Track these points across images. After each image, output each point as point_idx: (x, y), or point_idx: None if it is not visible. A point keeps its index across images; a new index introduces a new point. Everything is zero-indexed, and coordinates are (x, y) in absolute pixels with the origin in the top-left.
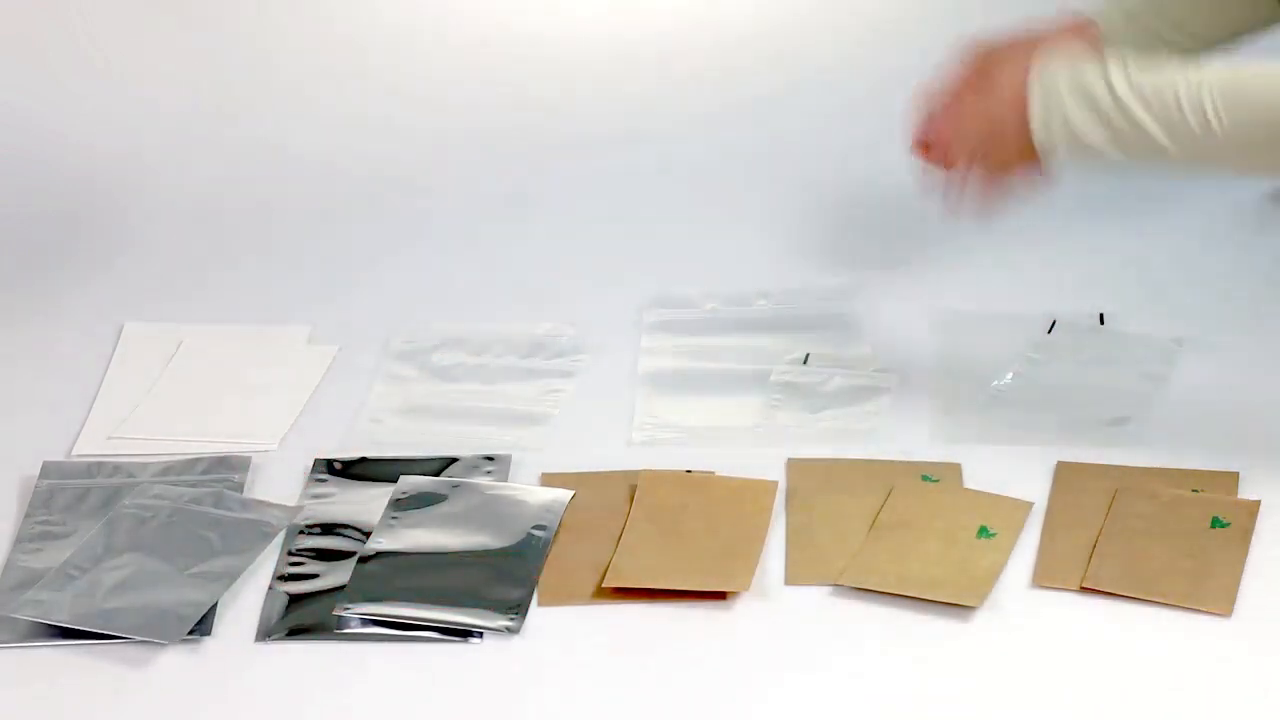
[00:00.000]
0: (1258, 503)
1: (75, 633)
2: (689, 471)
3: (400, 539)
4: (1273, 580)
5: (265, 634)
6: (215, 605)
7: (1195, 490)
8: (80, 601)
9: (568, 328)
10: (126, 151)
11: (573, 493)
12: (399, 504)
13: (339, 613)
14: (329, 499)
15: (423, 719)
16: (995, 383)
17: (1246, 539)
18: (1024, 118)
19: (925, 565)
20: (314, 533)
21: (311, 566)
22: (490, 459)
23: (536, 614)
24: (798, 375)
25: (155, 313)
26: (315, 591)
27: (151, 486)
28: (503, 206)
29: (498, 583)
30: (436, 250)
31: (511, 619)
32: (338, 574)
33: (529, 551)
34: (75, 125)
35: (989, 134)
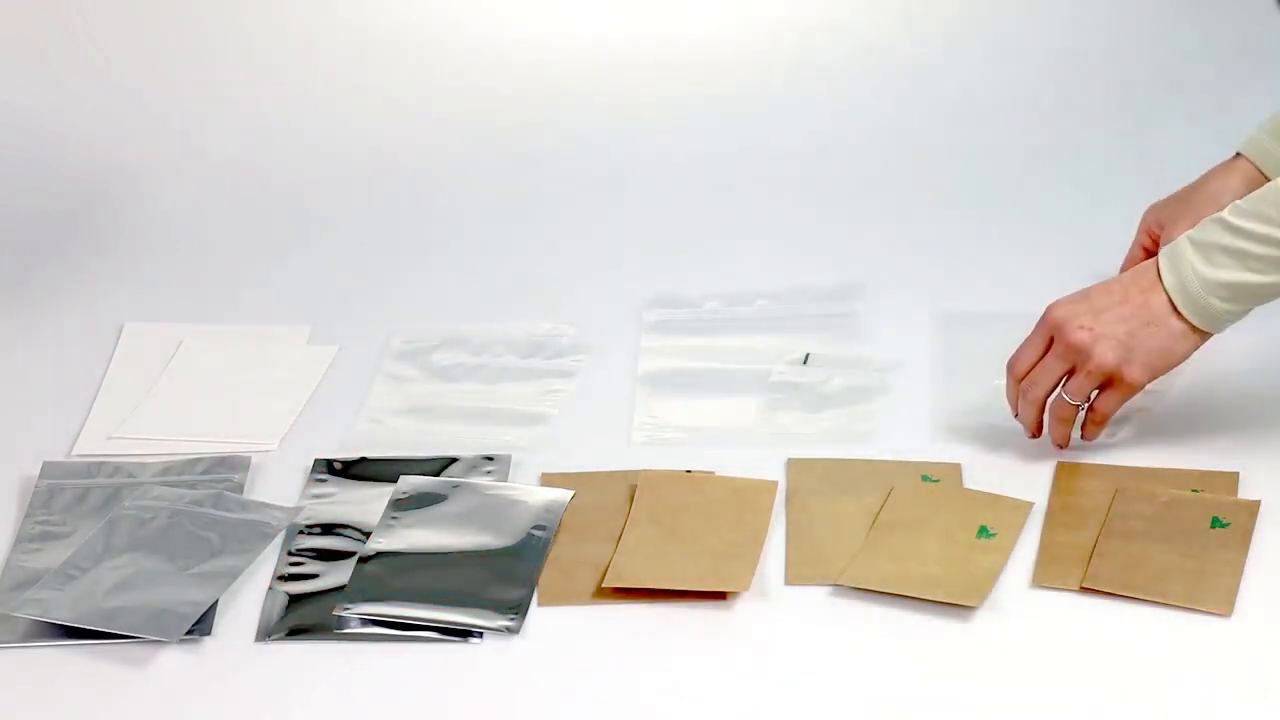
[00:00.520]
0: (1258, 503)
1: (75, 632)
2: (689, 471)
3: (400, 539)
4: (1273, 580)
5: (265, 634)
6: (215, 605)
7: (1195, 490)
8: (80, 601)
9: (568, 328)
10: (126, 151)
11: (573, 493)
12: (399, 504)
13: (339, 613)
14: (329, 499)
15: (423, 719)
16: (995, 382)
17: (1246, 539)
18: (1162, 299)
19: (925, 565)
20: (314, 533)
21: (311, 566)
22: (490, 459)
23: (536, 614)
24: (798, 375)
25: (155, 313)
26: (315, 591)
27: (151, 488)
28: (503, 206)
29: (498, 583)
30: (436, 250)
31: (511, 619)
32: (338, 574)
33: (529, 551)
34: (75, 125)
35: (1133, 323)
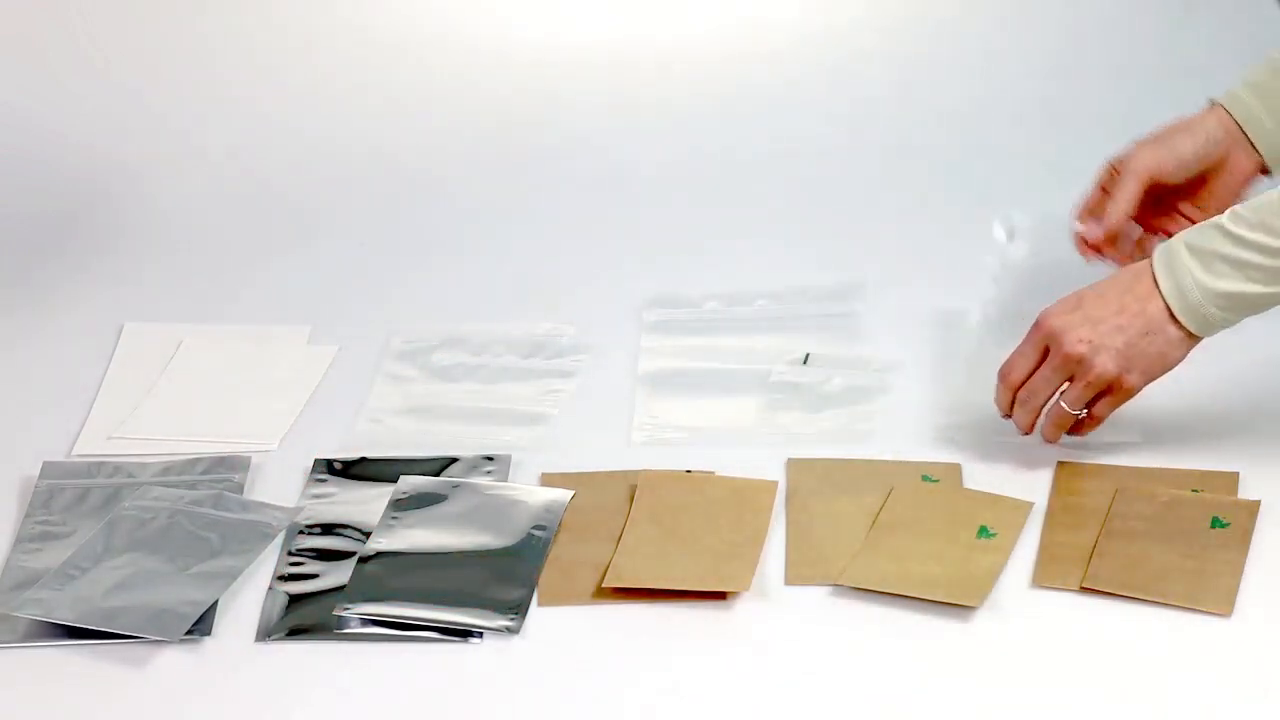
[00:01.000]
0: (1258, 503)
1: (75, 632)
2: (689, 471)
3: (400, 539)
4: (1273, 580)
5: (265, 634)
6: (215, 605)
7: (1195, 490)
8: (80, 601)
9: (568, 328)
10: (126, 151)
11: (573, 493)
12: (399, 504)
13: (339, 613)
14: (329, 499)
15: (423, 719)
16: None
17: (1246, 539)
18: (1160, 306)
19: (925, 565)
20: (314, 533)
21: (311, 566)
22: (490, 459)
23: (536, 614)
24: (798, 375)
25: (155, 313)
26: (315, 591)
27: (151, 488)
28: (503, 206)
29: (498, 583)
30: (436, 250)
31: (511, 619)
32: (338, 574)
33: (529, 551)
34: (75, 125)
35: (1131, 332)
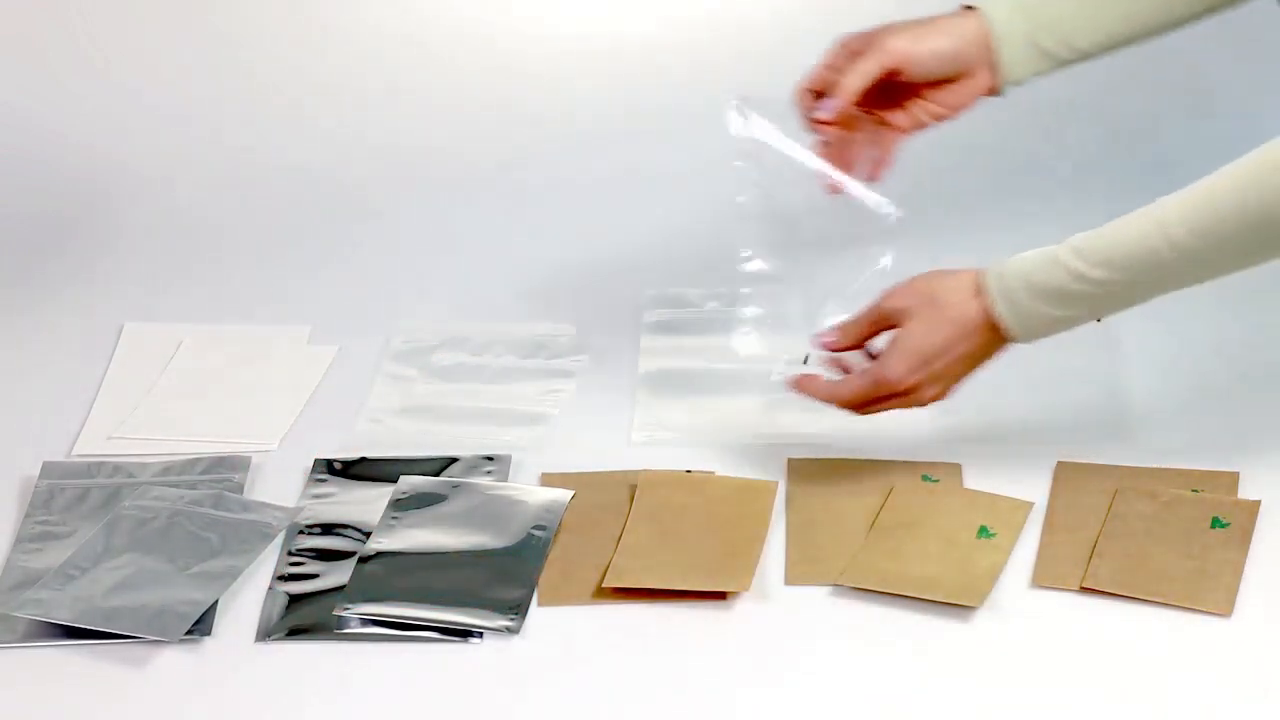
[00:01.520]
0: (1258, 503)
1: (75, 632)
2: (689, 471)
3: (400, 539)
4: (1273, 580)
5: (265, 634)
6: (215, 605)
7: (1195, 490)
8: (80, 601)
9: (568, 328)
10: (126, 152)
11: (573, 493)
12: (399, 504)
13: (339, 613)
14: (329, 499)
15: (423, 719)
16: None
17: (1246, 539)
18: (997, 337)
19: (925, 565)
20: (314, 533)
21: (311, 566)
22: (490, 459)
23: (536, 614)
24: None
25: (155, 313)
26: (315, 591)
27: (151, 488)
28: (503, 206)
29: (498, 583)
30: (437, 250)
31: (511, 619)
32: (338, 574)
33: (529, 551)
34: (75, 125)
35: (964, 364)
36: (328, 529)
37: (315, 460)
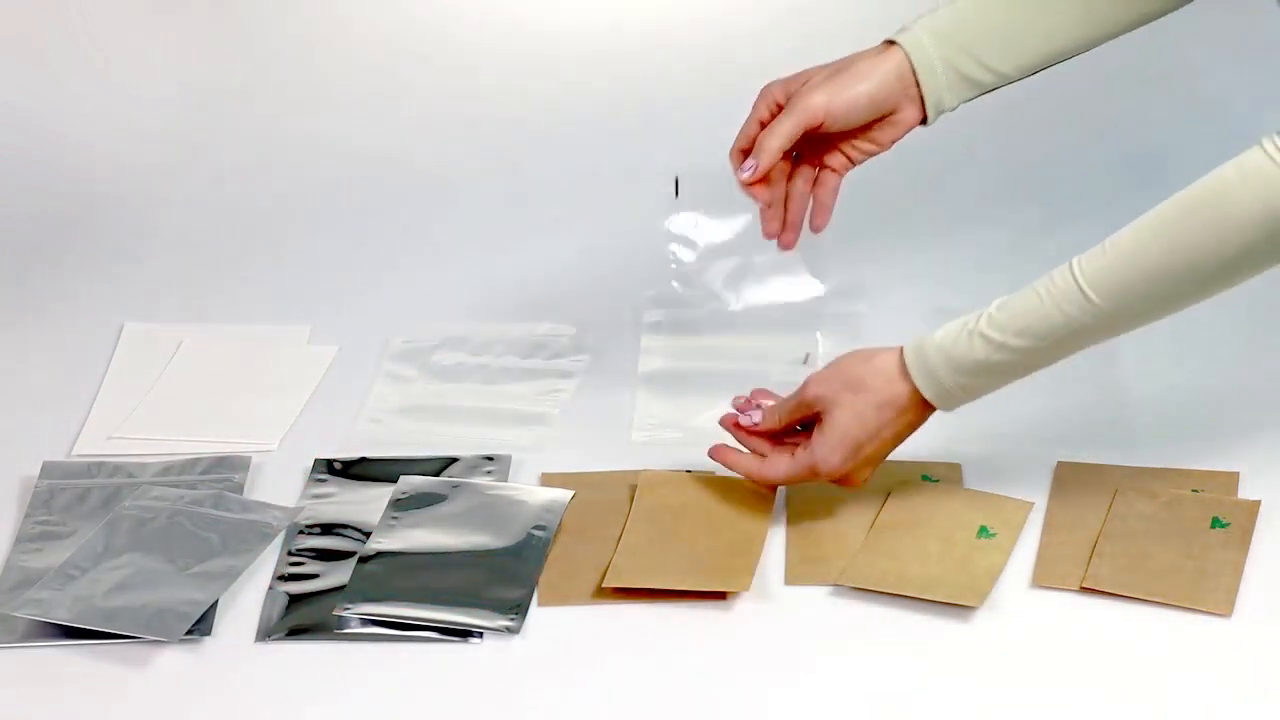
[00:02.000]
0: (1258, 503)
1: (75, 632)
2: (689, 471)
3: (400, 539)
4: (1273, 580)
5: (265, 634)
6: (215, 605)
7: (1195, 490)
8: (80, 601)
9: (568, 328)
10: (126, 151)
11: (573, 493)
12: (399, 504)
13: (339, 613)
14: (329, 499)
15: (423, 719)
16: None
17: (1246, 539)
18: (925, 411)
19: (925, 565)
20: (314, 533)
21: (311, 566)
22: (490, 459)
23: (536, 614)
24: (798, 375)
25: (155, 313)
26: (315, 591)
27: (151, 488)
28: (503, 206)
29: (498, 583)
30: (437, 250)
31: (511, 619)
32: (338, 574)
33: (529, 551)
34: (75, 125)
35: (894, 442)
36: (328, 529)
37: (315, 460)
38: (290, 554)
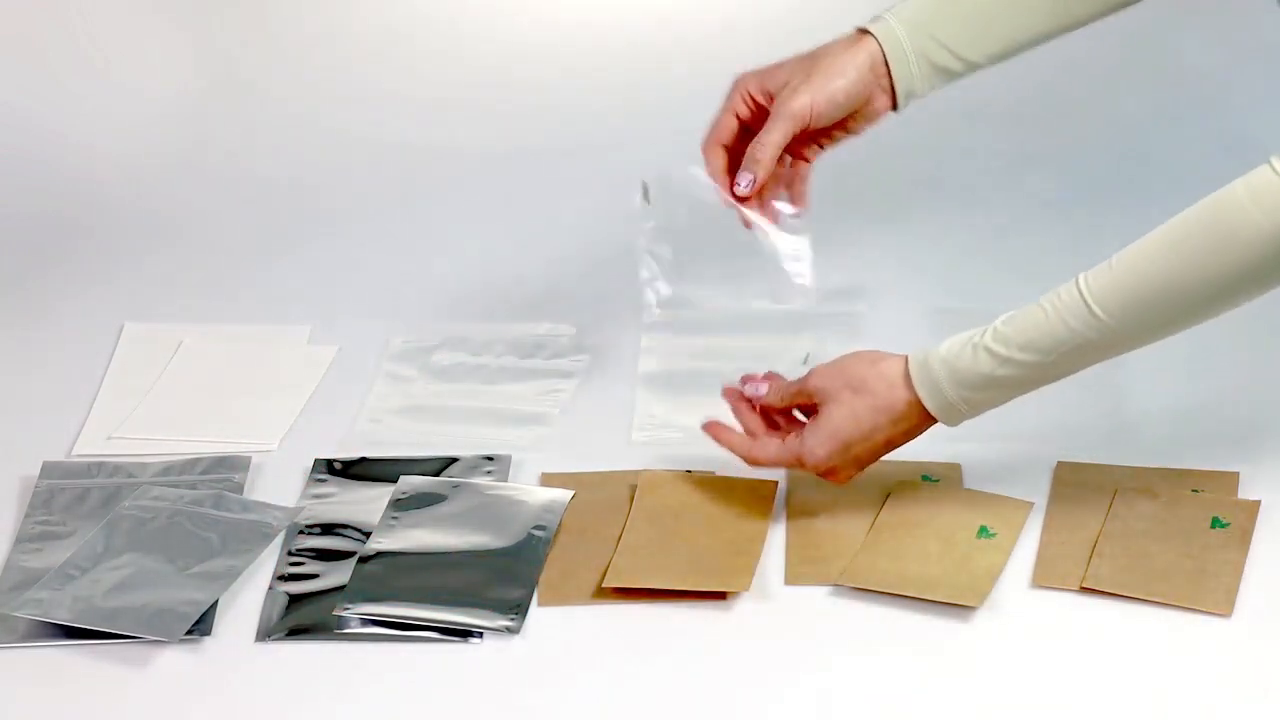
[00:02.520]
0: (1258, 503)
1: (75, 632)
2: (689, 471)
3: (400, 539)
4: (1273, 580)
5: (265, 634)
6: (215, 605)
7: (1195, 490)
8: (80, 601)
9: (568, 328)
10: (126, 152)
11: (573, 493)
12: (399, 504)
13: (339, 613)
14: (329, 499)
15: (423, 719)
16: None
17: (1246, 539)
18: (924, 421)
19: (925, 565)
20: (314, 533)
21: (311, 566)
22: (490, 459)
23: (536, 614)
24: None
25: (155, 313)
26: (315, 591)
27: (151, 488)
28: (503, 205)
29: (498, 583)
30: (436, 250)
31: (511, 619)
32: (338, 574)
33: (529, 551)
34: (75, 125)
35: (886, 448)
36: (328, 529)
37: (315, 460)
38: (290, 554)
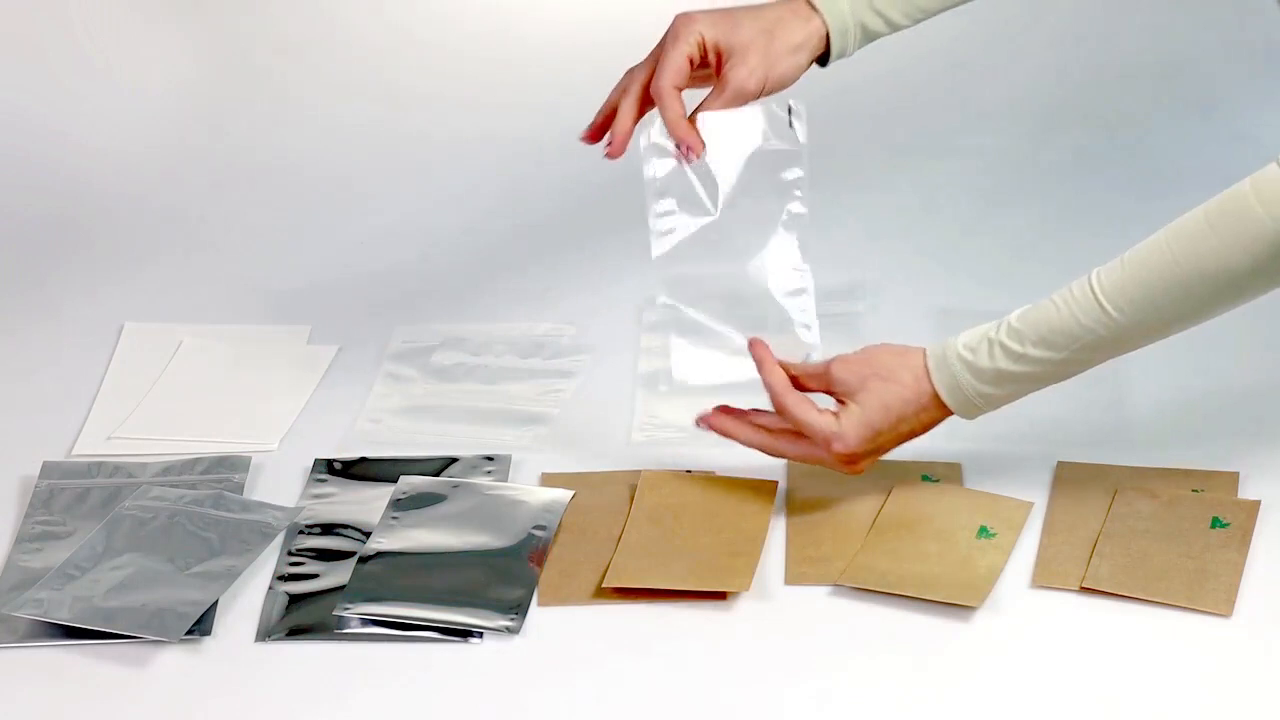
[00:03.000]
0: (1258, 503)
1: (75, 632)
2: (689, 471)
3: (400, 539)
4: (1273, 580)
5: (265, 634)
6: (215, 605)
7: (1195, 490)
8: (80, 601)
9: (568, 328)
10: (126, 152)
11: (573, 493)
12: (399, 504)
13: (339, 613)
14: (329, 499)
15: (423, 719)
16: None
17: (1246, 539)
18: (942, 414)
19: (925, 565)
20: (314, 533)
21: (311, 566)
22: (490, 459)
23: (536, 614)
24: None
25: (155, 313)
26: (315, 591)
27: (151, 488)
28: (502, 206)
29: (498, 583)
30: (437, 250)
31: (511, 619)
32: (338, 574)
33: (529, 551)
34: (75, 125)
35: (904, 439)
36: (328, 529)
37: (315, 460)
38: (290, 554)
